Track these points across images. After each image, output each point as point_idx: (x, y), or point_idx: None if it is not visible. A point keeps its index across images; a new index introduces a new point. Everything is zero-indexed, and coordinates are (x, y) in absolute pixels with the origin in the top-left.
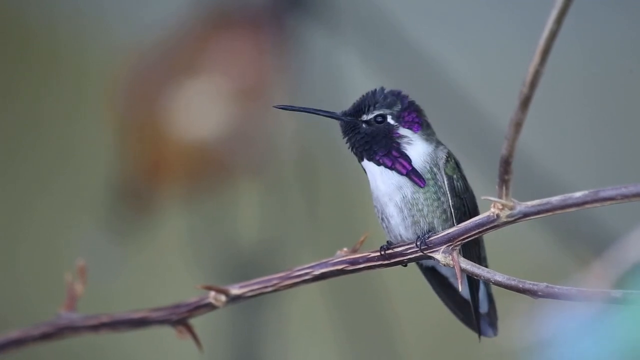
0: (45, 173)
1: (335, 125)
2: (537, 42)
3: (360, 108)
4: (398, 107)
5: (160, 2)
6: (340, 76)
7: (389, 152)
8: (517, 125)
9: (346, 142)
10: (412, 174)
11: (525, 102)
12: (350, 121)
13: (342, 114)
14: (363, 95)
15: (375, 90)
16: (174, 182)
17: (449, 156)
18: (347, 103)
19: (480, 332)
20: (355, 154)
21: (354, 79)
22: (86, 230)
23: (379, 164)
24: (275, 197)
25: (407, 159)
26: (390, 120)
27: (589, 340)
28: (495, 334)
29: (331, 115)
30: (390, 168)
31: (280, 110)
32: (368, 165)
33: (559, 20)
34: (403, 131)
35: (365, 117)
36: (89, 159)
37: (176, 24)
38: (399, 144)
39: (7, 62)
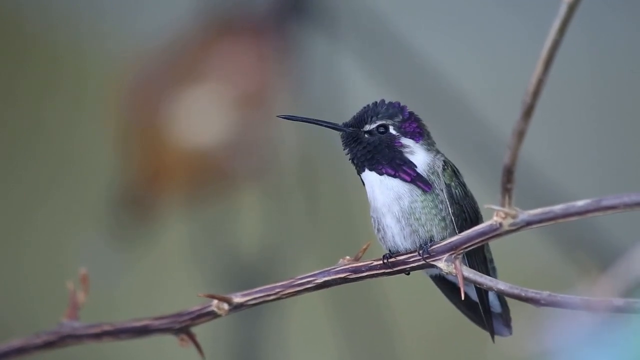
0: (46, 180)
1: (337, 133)
2: (540, 51)
3: (362, 119)
4: (399, 118)
5: (160, 8)
6: (341, 83)
7: (391, 161)
8: (520, 135)
9: (347, 153)
10: (418, 180)
11: (528, 112)
12: (353, 132)
13: (343, 125)
14: (364, 107)
15: (377, 102)
16: (175, 189)
17: (446, 164)
18: (348, 110)
19: (493, 333)
20: (357, 164)
21: (356, 86)
22: (88, 237)
23: (381, 173)
24: (277, 204)
25: (412, 165)
26: (392, 130)
27: (592, 350)
28: (510, 333)
29: (333, 126)
30: (394, 176)
31: (282, 117)
32: (368, 175)
33: (561, 31)
34: (405, 141)
35: (367, 127)
36: (90, 166)
37: (179, 31)
38: (401, 152)
39: (7, 67)
